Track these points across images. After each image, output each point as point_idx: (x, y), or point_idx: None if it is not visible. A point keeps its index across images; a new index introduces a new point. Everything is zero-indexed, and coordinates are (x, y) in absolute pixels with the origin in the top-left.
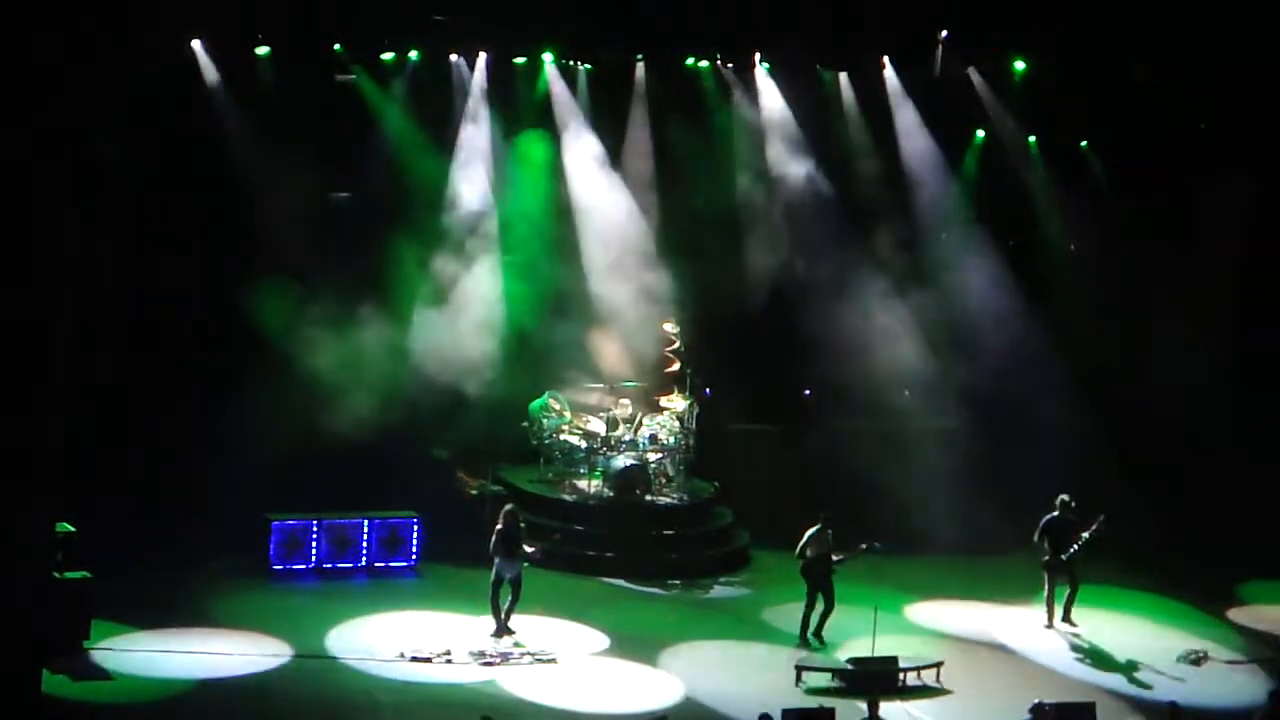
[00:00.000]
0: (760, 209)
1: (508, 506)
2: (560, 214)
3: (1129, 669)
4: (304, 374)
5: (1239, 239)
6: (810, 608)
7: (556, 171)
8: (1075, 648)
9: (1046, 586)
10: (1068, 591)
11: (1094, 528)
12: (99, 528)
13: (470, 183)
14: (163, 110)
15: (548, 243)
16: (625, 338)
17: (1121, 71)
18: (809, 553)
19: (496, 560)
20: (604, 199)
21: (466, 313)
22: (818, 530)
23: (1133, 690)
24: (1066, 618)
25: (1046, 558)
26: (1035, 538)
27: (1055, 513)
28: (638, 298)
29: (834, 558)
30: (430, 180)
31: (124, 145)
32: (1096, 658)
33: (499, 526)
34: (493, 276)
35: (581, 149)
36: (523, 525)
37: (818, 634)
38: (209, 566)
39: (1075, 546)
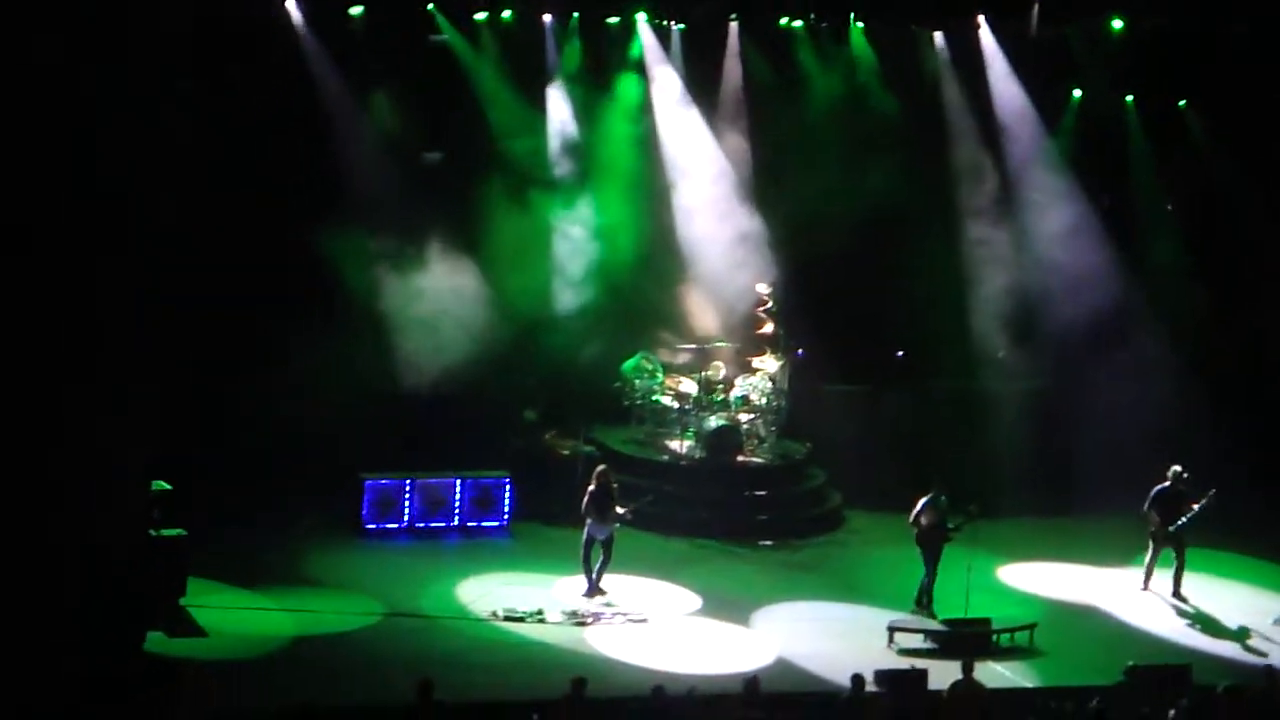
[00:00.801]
0: (855, 166)
1: (600, 467)
2: (653, 167)
3: (1226, 632)
4: (396, 331)
5: None
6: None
7: (649, 125)
8: (1171, 610)
9: (1150, 553)
10: (1175, 564)
11: (1204, 501)
12: (195, 486)
13: (562, 139)
14: (255, 70)
15: (640, 196)
16: (716, 293)
17: (1221, 30)
18: (923, 521)
19: (589, 521)
20: (696, 153)
21: (557, 269)
22: (931, 498)
23: (1229, 653)
24: (1176, 592)
25: (1154, 528)
26: (1145, 507)
27: (1167, 483)
28: (731, 250)
29: (948, 525)
30: (522, 137)
31: (217, 105)
32: (1193, 620)
33: (591, 487)
34: (584, 232)
35: (674, 105)
36: (615, 486)
37: (927, 605)
38: (303, 525)
39: (1185, 518)
